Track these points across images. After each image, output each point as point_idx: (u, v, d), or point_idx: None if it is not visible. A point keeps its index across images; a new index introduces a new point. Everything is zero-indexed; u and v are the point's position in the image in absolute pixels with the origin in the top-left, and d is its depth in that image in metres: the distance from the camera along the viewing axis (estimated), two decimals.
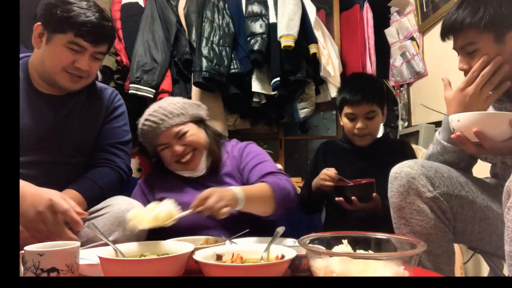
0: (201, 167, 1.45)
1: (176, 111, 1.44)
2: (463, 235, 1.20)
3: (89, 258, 1.01)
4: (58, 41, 1.27)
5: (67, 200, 1.11)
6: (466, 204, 1.16)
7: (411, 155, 1.69)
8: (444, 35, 1.21)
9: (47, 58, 1.29)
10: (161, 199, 1.41)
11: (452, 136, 1.08)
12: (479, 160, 1.35)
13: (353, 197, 1.50)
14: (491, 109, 1.19)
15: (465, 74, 1.16)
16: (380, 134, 1.83)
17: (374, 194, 1.51)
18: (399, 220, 1.19)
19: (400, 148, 1.74)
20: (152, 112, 1.44)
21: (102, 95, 1.46)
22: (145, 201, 1.47)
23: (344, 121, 1.72)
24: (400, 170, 1.18)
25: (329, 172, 1.60)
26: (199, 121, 1.50)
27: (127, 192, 1.45)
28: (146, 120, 1.44)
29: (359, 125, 1.66)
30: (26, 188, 1.11)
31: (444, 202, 1.15)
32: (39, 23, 1.29)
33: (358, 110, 1.67)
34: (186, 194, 1.43)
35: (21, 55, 1.40)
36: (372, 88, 1.70)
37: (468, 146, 1.06)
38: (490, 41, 1.11)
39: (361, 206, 1.53)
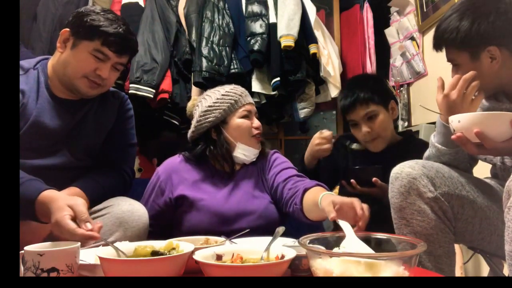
0: (257, 152, 1.53)
1: None
2: (463, 235, 1.20)
3: (89, 258, 1.01)
4: (84, 47, 1.31)
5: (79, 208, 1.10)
6: (467, 203, 1.16)
7: None
8: (434, 48, 1.26)
9: (70, 63, 1.32)
10: (180, 198, 1.44)
11: (453, 137, 1.08)
12: (479, 161, 1.35)
13: (352, 180, 1.47)
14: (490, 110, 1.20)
15: None
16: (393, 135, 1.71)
17: (374, 178, 1.47)
18: (400, 220, 1.19)
19: (420, 149, 1.44)
20: (238, 86, 1.56)
21: (114, 99, 1.49)
22: (159, 194, 1.48)
23: (352, 130, 1.66)
24: (401, 171, 1.18)
25: (324, 133, 1.58)
26: None
27: (129, 194, 1.45)
28: (235, 88, 1.53)
29: (363, 130, 1.60)
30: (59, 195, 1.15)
31: (445, 202, 1.15)
32: (67, 29, 1.34)
33: (355, 115, 1.60)
34: (207, 193, 1.46)
35: (39, 58, 1.43)
36: (364, 88, 1.60)
37: (469, 147, 1.06)
38: (466, 59, 1.16)
39: (363, 190, 1.51)
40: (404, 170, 1.17)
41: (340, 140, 1.80)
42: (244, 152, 1.49)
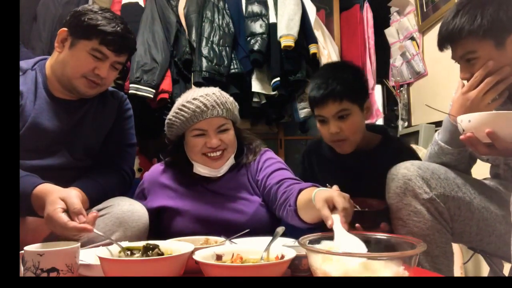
0: (223, 169, 1.40)
1: (228, 105, 1.38)
2: (461, 236, 1.20)
3: (89, 258, 1.01)
4: (83, 47, 1.30)
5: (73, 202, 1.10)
6: (464, 205, 1.16)
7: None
8: (441, 45, 1.20)
9: (69, 62, 1.32)
10: (162, 209, 1.40)
11: (462, 137, 1.06)
12: (478, 161, 1.34)
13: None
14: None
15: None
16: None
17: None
18: (396, 221, 1.19)
19: (397, 157, 1.31)
20: (204, 94, 1.36)
21: (113, 99, 1.49)
22: (142, 199, 1.46)
23: (318, 125, 1.46)
24: (397, 172, 1.18)
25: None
26: (234, 122, 1.46)
27: (129, 194, 1.45)
28: (196, 99, 1.34)
29: (331, 129, 1.38)
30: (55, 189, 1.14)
31: (441, 204, 1.14)
32: (64, 28, 1.33)
33: (325, 111, 1.38)
34: (190, 201, 1.40)
35: (37, 58, 1.43)
36: (340, 81, 1.36)
37: (479, 148, 1.03)
38: (491, 48, 1.10)
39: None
40: (399, 172, 1.17)
41: (312, 147, 1.65)
42: (202, 170, 1.39)
